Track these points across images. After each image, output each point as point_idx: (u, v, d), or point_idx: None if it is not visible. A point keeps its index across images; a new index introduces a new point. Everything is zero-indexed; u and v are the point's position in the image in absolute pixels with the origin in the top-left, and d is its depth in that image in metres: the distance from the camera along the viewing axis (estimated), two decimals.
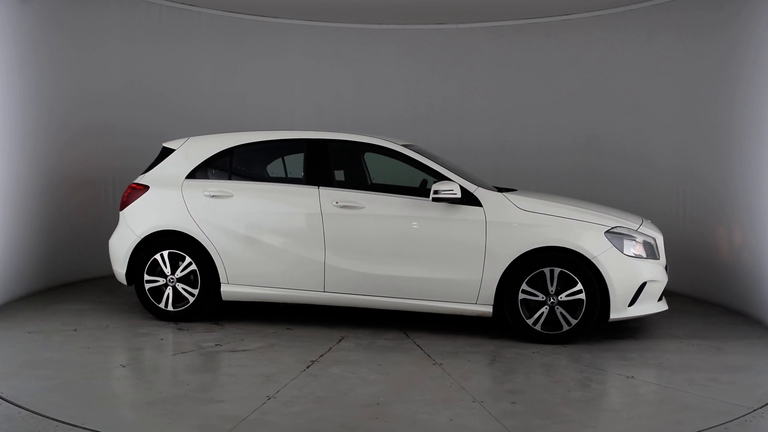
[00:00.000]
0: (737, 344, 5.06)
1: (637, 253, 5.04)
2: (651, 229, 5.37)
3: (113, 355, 4.52)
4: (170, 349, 4.69)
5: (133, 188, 5.58)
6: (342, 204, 5.20)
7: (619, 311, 4.96)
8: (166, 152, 5.67)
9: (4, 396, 3.64)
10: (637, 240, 5.06)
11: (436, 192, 5.01)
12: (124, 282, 5.50)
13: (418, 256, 5.10)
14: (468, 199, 5.09)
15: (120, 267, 5.51)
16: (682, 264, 6.42)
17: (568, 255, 4.94)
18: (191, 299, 5.37)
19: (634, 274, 4.97)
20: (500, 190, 5.94)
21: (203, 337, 5.00)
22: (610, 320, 4.96)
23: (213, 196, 5.37)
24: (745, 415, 3.66)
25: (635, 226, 5.17)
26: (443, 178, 5.18)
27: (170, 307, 5.39)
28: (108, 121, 6.93)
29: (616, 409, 3.77)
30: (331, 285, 5.22)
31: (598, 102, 7.55)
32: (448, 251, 5.07)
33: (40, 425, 3.31)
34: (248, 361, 4.47)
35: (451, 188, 5.02)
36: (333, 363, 4.46)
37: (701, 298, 6.51)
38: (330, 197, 5.22)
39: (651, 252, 5.14)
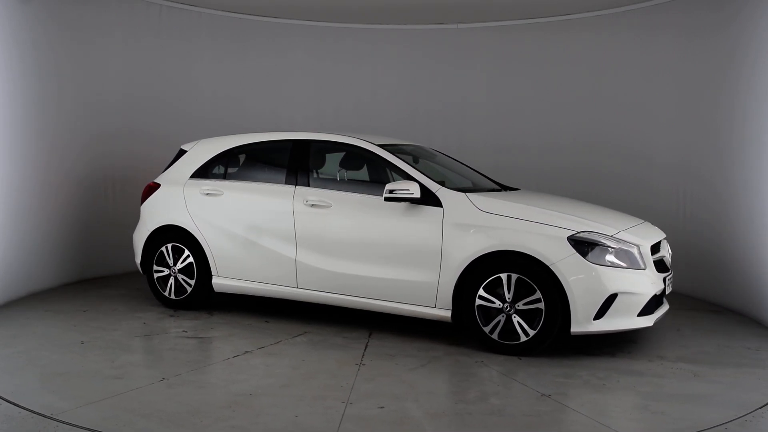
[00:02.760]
0: (725, 373, 4.35)
1: (611, 260, 4.54)
2: (641, 234, 4.84)
3: (87, 333, 5.04)
4: (140, 332, 5.13)
5: (150, 186, 6.16)
6: (311, 203, 5.32)
7: (581, 324, 4.51)
8: (181, 153, 6.19)
9: (3, 396, 3.73)
10: (610, 247, 4.56)
11: (390, 192, 4.93)
12: (141, 271, 6.10)
13: (379, 255, 5.06)
14: (430, 199, 4.95)
15: (137, 257, 6.12)
16: (682, 263, 6.33)
17: (526, 260, 4.61)
18: (189, 289, 5.81)
19: (600, 284, 4.48)
20: (505, 189, 5.75)
21: (182, 323, 5.39)
22: (572, 333, 4.54)
23: (207, 194, 5.76)
24: (744, 415, 3.54)
25: (612, 232, 4.67)
26: (409, 177, 5.09)
27: (173, 296, 5.88)
28: (108, 121, 7.02)
29: (480, 426, 3.47)
30: (302, 281, 5.36)
31: (599, 102, 7.50)
32: (407, 252, 4.96)
33: (40, 425, 3.35)
34: (190, 348, 4.76)
35: (407, 188, 4.91)
36: (264, 355, 4.60)
37: (701, 298, 6.44)
38: (302, 196, 5.37)
39: (631, 261, 4.61)
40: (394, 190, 4.92)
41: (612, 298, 4.50)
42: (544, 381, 4.15)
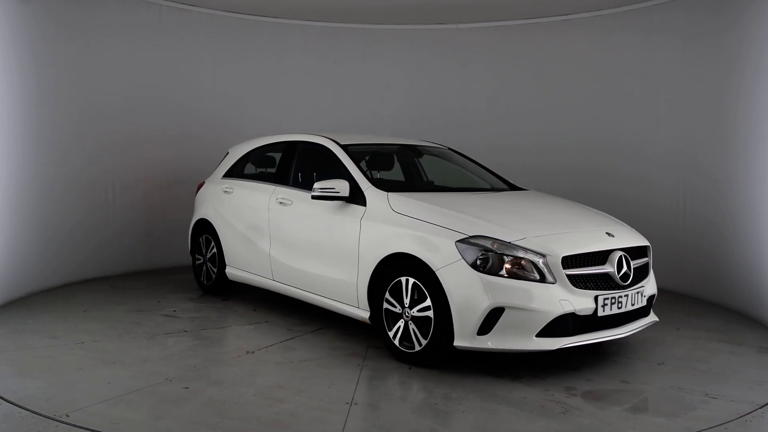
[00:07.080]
0: (608, 415, 3.58)
1: (508, 270, 4.02)
2: (569, 242, 4.24)
3: (102, 306, 5.88)
4: (140, 308, 5.87)
5: (200, 184, 6.99)
6: (280, 200, 5.59)
7: (465, 338, 4.09)
8: (226, 155, 6.91)
9: (3, 396, 3.76)
10: (502, 254, 4.03)
11: (320, 189, 4.96)
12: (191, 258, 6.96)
13: (318, 252, 5.14)
14: (360, 198, 4.89)
15: (189, 246, 6.99)
16: (683, 262, 6.51)
17: (421, 265, 4.31)
18: (213, 276, 6.49)
19: (480, 294, 4.00)
20: (514, 188, 5.68)
21: (182, 305, 6.02)
22: (456, 347, 4.14)
23: (225, 191, 6.38)
24: (744, 415, 3.55)
25: (512, 237, 4.12)
26: (349, 175, 5.08)
27: (205, 281, 6.61)
28: (107, 121, 7.06)
29: (238, 419, 3.44)
30: (275, 274, 5.66)
31: (599, 101, 7.48)
32: (336, 250, 4.97)
33: (40, 425, 3.35)
34: (151, 324, 5.33)
35: (333, 186, 4.91)
36: (192, 336, 5.01)
37: (701, 298, 6.42)
38: (276, 194, 5.67)
39: (536, 272, 4.02)
40: (321, 188, 4.95)
41: (497, 312, 3.99)
42: (384, 393, 3.89)
